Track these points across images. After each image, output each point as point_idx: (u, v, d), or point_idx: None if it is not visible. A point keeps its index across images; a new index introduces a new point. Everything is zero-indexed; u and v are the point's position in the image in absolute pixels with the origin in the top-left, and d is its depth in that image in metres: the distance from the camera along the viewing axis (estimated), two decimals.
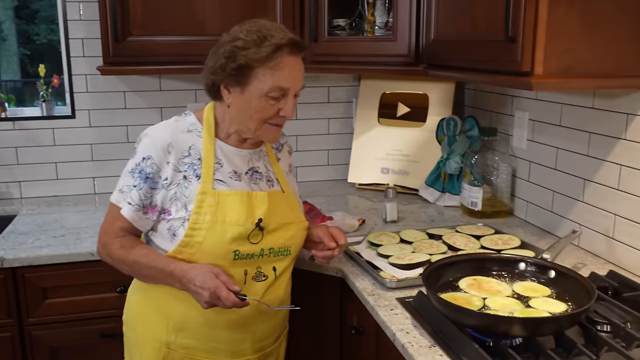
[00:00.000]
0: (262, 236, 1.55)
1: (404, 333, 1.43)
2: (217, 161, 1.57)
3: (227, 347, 1.59)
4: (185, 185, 1.53)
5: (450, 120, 2.49)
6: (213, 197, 1.52)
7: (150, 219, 1.55)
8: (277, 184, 1.67)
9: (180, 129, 1.58)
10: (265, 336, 1.66)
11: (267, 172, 1.66)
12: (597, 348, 1.31)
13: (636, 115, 1.71)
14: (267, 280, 1.59)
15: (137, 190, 1.53)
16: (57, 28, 2.64)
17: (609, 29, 1.58)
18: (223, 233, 1.51)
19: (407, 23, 2.17)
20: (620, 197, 1.80)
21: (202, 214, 1.51)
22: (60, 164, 2.64)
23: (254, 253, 1.55)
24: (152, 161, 1.53)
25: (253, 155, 1.64)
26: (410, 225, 2.22)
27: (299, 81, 1.54)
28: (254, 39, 1.47)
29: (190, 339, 1.58)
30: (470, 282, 1.54)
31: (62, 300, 2.02)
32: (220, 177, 1.56)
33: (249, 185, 1.60)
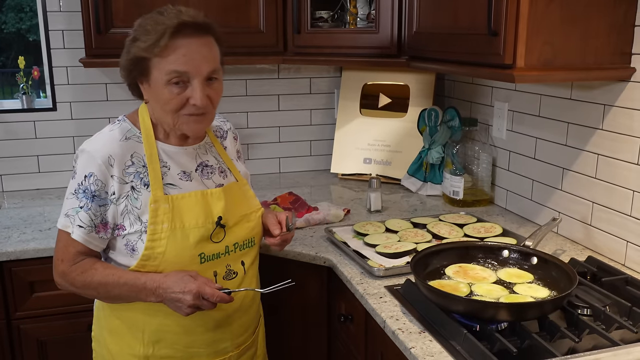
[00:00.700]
0: (224, 233, 1.52)
1: (393, 320, 1.47)
2: (163, 164, 1.50)
3: (208, 349, 1.56)
4: (134, 196, 1.46)
5: (431, 111, 2.54)
6: (167, 204, 1.46)
7: (103, 237, 1.47)
8: (230, 174, 1.63)
9: (117, 138, 1.48)
10: (243, 331, 1.64)
11: (218, 163, 1.61)
12: (579, 331, 1.37)
13: (612, 106, 1.77)
14: (237, 277, 1.56)
15: (84, 211, 1.44)
16: (25, 17, 2.61)
17: (587, 23, 1.63)
18: (185, 238, 1.46)
19: (389, 15, 2.20)
20: (597, 185, 1.86)
21: (159, 223, 1.44)
22: (42, 157, 2.62)
23: (220, 252, 1.51)
24: (95, 178, 1.44)
25: (199, 150, 1.58)
26: (393, 214, 2.27)
27: (203, 63, 1.42)
28: (146, 28, 1.41)
29: (169, 349, 1.53)
30: (456, 269, 1.59)
31: (49, 294, 2.02)
32: (170, 180, 1.50)
33: (201, 183, 1.54)
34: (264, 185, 2.70)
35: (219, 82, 1.48)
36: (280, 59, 2.46)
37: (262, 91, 2.83)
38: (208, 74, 1.44)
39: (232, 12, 2.34)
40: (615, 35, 1.67)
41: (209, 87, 1.45)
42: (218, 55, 1.48)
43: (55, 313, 2.04)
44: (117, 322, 1.55)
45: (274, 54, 2.44)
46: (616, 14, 1.66)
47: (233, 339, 1.61)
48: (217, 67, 1.47)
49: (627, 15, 1.67)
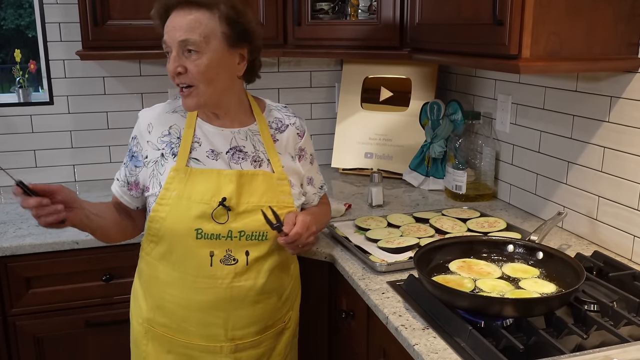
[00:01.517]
0: (228, 217, 1.51)
1: (396, 316, 1.43)
2: (196, 140, 1.56)
3: (199, 329, 1.56)
4: (161, 163, 1.55)
5: (433, 105, 2.50)
6: (184, 174, 1.52)
7: (134, 196, 1.61)
8: (266, 165, 1.59)
9: (167, 110, 1.61)
10: (241, 325, 1.59)
11: (256, 151, 1.59)
12: (587, 327, 1.33)
13: (619, 98, 1.74)
14: (237, 265, 1.53)
15: (124, 168, 1.62)
16: (25, 13, 2.58)
17: (594, 13, 1.60)
18: (187, 210, 1.50)
19: (391, 6, 2.16)
20: (603, 179, 1.82)
21: (171, 190, 1.52)
22: (39, 152, 2.59)
23: (220, 234, 1.50)
24: (137, 141, 1.59)
25: (237, 135, 1.59)
26: (395, 209, 2.23)
27: (175, 32, 1.44)
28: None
29: (166, 318, 1.58)
30: (460, 264, 1.55)
31: (46, 290, 1.99)
32: (197, 155, 1.55)
33: (227, 164, 1.55)
34: None
35: (198, 55, 1.44)
36: (281, 52, 2.42)
37: (262, 84, 2.74)
38: (179, 42, 1.43)
39: None
40: (623, 26, 1.64)
41: (187, 59, 1.45)
42: (203, 28, 1.44)
43: (52, 309, 2.01)
44: (137, 286, 1.67)
45: (274, 46, 2.40)
46: (623, 4, 1.62)
47: (227, 330, 1.58)
48: (194, 38, 1.43)
49: (634, 5, 1.63)
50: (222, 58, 1.47)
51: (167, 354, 1.61)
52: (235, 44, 1.49)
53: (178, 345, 1.59)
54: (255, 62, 1.58)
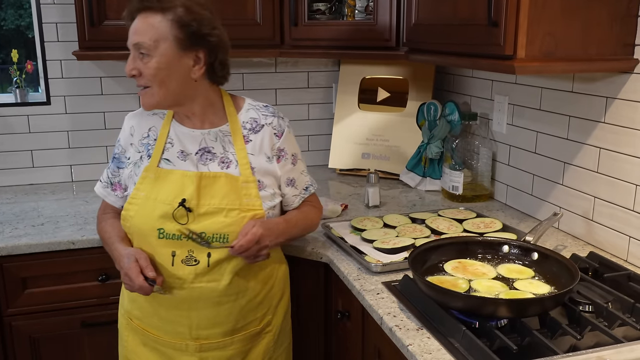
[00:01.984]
0: (188, 218, 1.52)
1: (391, 317, 1.43)
2: (169, 141, 1.61)
3: (165, 325, 1.60)
4: (139, 164, 1.61)
5: (430, 105, 2.50)
6: (153, 175, 1.57)
7: (118, 196, 1.68)
8: (234, 167, 1.58)
9: (148, 112, 1.66)
10: (204, 325, 1.59)
11: (225, 152, 1.59)
12: (581, 328, 1.33)
13: (615, 99, 1.74)
14: (197, 266, 1.53)
15: (107, 170, 1.71)
16: (25, 13, 2.58)
17: (589, 13, 1.60)
18: (152, 210, 1.54)
19: (387, 7, 2.16)
20: (599, 179, 1.82)
21: (141, 190, 1.57)
22: (36, 152, 2.59)
23: (181, 235, 1.51)
24: (119, 143, 1.68)
25: (207, 136, 1.60)
26: (392, 210, 2.23)
27: (132, 35, 1.49)
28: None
29: (139, 311, 1.64)
30: (455, 265, 1.55)
31: (42, 290, 1.99)
32: (168, 156, 1.59)
33: (195, 166, 1.57)
34: None
35: (148, 58, 1.48)
36: (277, 52, 2.42)
37: (259, 85, 2.79)
38: (133, 46, 1.50)
39: (229, 4, 2.31)
40: (618, 26, 1.64)
41: (140, 61, 1.49)
42: (154, 32, 1.47)
43: (48, 309, 2.01)
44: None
45: (271, 46, 2.40)
46: (619, 4, 1.62)
47: (191, 329, 1.59)
48: (144, 42, 1.47)
49: (630, 6, 1.63)
50: (172, 61, 1.48)
51: (142, 346, 1.66)
52: (188, 47, 1.49)
53: (150, 339, 1.65)
54: (215, 64, 1.55)
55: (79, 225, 2.06)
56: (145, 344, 1.65)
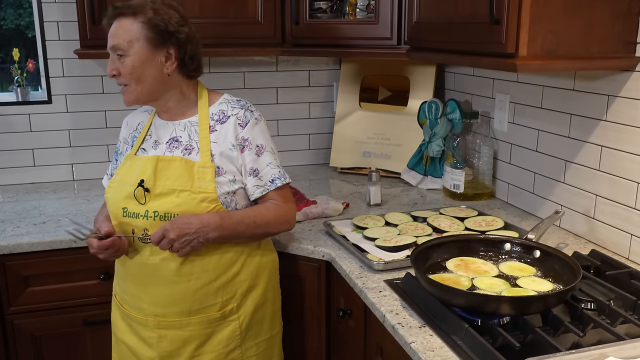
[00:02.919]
0: (145, 198, 1.63)
1: (393, 314, 1.44)
2: (149, 133, 1.75)
3: (131, 300, 1.71)
4: (124, 154, 1.76)
5: (431, 104, 2.50)
6: (129, 161, 1.71)
7: None
8: (195, 153, 1.66)
9: (142, 109, 1.82)
10: (161, 303, 1.66)
11: (189, 141, 1.69)
12: (584, 325, 1.34)
13: (617, 97, 1.74)
14: (151, 244, 1.62)
15: (111, 164, 1.85)
16: (24, 13, 2.58)
17: (591, 11, 1.60)
18: (120, 191, 1.67)
19: (389, 5, 2.16)
20: (600, 177, 1.82)
21: (117, 175, 1.72)
22: (37, 151, 2.59)
23: (139, 213, 1.63)
24: (119, 139, 1.83)
25: (177, 126, 1.72)
26: (393, 208, 2.24)
27: (110, 39, 1.63)
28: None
29: (117, 287, 1.78)
30: (457, 262, 1.56)
31: (44, 288, 1.99)
32: (145, 146, 1.73)
33: (163, 153, 1.69)
34: None
35: (124, 58, 1.61)
36: (279, 51, 2.42)
37: (260, 84, 2.79)
38: (111, 48, 1.63)
39: (230, 2, 2.31)
40: (620, 24, 1.64)
41: (118, 61, 1.62)
42: (127, 34, 1.60)
43: (50, 308, 2.01)
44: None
45: (272, 45, 2.40)
46: (621, 2, 1.62)
47: (150, 305, 1.68)
48: (119, 43, 1.61)
49: (631, 4, 1.64)
50: (145, 59, 1.61)
51: (121, 319, 1.77)
52: (159, 45, 1.62)
53: (124, 313, 1.75)
54: (186, 58, 1.66)
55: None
56: (122, 318, 1.76)
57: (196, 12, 2.28)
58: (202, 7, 2.29)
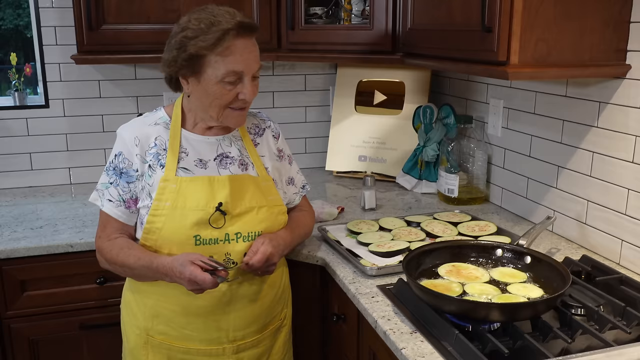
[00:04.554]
0: (224, 220, 1.56)
1: (385, 320, 1.45)
2: (182, 150, 1.60)
3: (200, 334, 1.60)
4: (149, 174, 1.58)
5: (426, 108, 2.52)
6: (175, 184, 1.56)
7: (134, 212, 1.60)
8: (251, 168, 1.66)
9: (148, 122, 1.63)
10: (242, 326, 1.63)
11: (241, 156, 1.66)
12: (572, 331, 1.35)
13: (608, 104, 1.76)
14: (235, 267, 1.57)
15: (114, 187, 1.60)
16: (23, 13, 2.60)
17: (582, 19, 1.61)
18: (183, 218, 1.53)
19: (383, 11, 2.18)
20: (592, 183, 1.84)
21: (163, 201, 1.55)
22: (35, 154, 2.60)
23: (218, 238, 1.55)
24: (124, 156, 1.59)
25: (222, 141, 1.65)
26: (388, 212, 2.25)
27: (254, 63, 1.54)
28: (201, 27, 1.48)
29: (165, 326, 1.61)
30: (449, 268, 1.57)
31: (41, 293, 2.00)
32: (185, 165, 1.59)
33: (217, 172, 1.61)
34: None
35: (256, 80, 1.58)
36: (274, 56, 2.43)
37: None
38: (256, 72, 1.55)
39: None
40: (611, 32, 1.65)
41: (252, 83, 1.55)
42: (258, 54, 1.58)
43: (47, 312, 2.02)
44: (128, 293, 1.68)
45: (268, 50, 2.41)
46: (611, 10, 1.64)
47: (229, 332, 1.62)
48: (258, 66, 1.57)
49: (622, 12, 1.65)
50: None
51: None
52: None
53: (178, 351, 1.62)
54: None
55: (78, 228, 2.08)
56: (171, 357, 1.63)
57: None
58: None
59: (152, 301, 1.60)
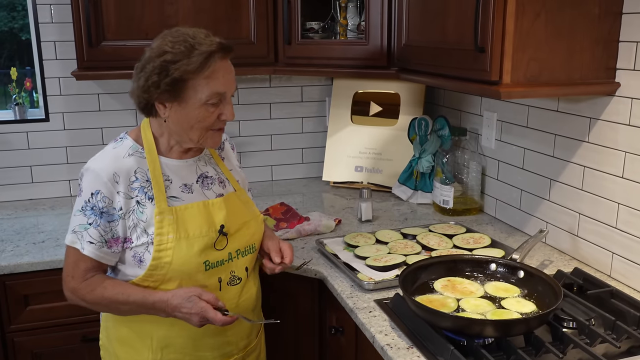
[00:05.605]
0: (227, 241, 1.59)
1: (383, 335, 1.49)
2: (166, 178, 1.56)
3: (214, 352, 1.63)
4: (140, 210, 1.52)
5: (421, 120, 2.56)
6: (171, 215, 1.52)
7: (115, 251, 1.53)
8: (228, 184, 1.70)
9: (121, 155, 1.54)
10: (248, 333, 1.71)
11: (217, 174, 1.68)
12: (564, 345, 1.39)
13: (598, 120, 1.80)
14: (241, 282, 1.63)
15: (94, 228, 1.49)
16: (18, 15, 2.62)
17: (572, 38, 1.66)
18: (190, 247, 1.52)
19: (378, 27, 2.22)
20: (583, 196, 1.89)
21: (165, 234, 1.51)
22: (35, 167, 2.63)
23: (223, 259, 1.58)
24: (102, 195, 1.49)
25: (199, 162, 1.64)
26: (384, 224, 2.29)
27: (233, 83, 1.54)
28: (181, 50, 1.44)
29: (177, 354, 1.59)
30: (444, 283, 1.61)
31: (43, 307, 2.04)
32: (173, 193, 1.56)
33: (202, 194, 1.61)
34: (257, 193, 2.71)
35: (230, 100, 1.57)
36: (272, 70, 2.47)
37: (253, 99, 2.85)
38: (232, 92, 1.55)
39: (223, 23, 2.36)
40: (600, 51, 1.70)
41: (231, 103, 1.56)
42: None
43: (50, 325, 2.06)
44: (125, 330, 1.61)
45: (265, 64, 2.46)
46: (601, 30, 1.68)
47: (238, 342, 1.67)
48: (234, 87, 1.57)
49: (611, 31, 1.70)
50: None
51: None
52: None
53: None
54: None
55: None
56: None
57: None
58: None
59: (162, 332, 1.56)
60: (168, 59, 1.45)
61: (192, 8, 2.32)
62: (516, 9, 1.57)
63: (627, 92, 1.70)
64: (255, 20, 2.39)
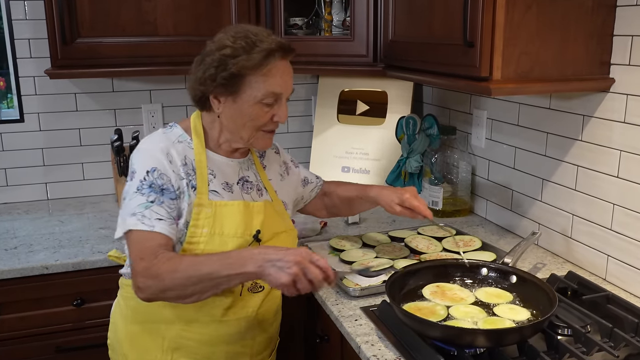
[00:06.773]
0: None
1: (369, 345, 1.42)
2: (210, 172, 1.52)
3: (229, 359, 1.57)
4: (184, 194, 1.46)
5: (409, 119, 2.48)
6: (210, 209, 1.47)
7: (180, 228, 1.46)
8: (265, 193, 1.63)
9: (171, 139, 1.51)
10: (262, 348, 1.64)
11: (257, 181, 1.62)
12: (559, 354, 1.33)
13: (592, 117, 1.73)
14: (263, 292, 1.56)
15: (158, 205, 1.40)
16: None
17: (564, 32, 1.59)
18: (222, 245, 1.45)
19: (364, 23, 2.14)
20: (577, 197, 1.82)
21: (200, 227, 1.45)
22: (10, 170, 2.53)
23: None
24: (159, 172, 1.43)
25: (242, 165, 1.60)
26: (372, 226, 2.22)
27: (290, 85, 1.51)
28: (242, 45, 1.42)
29: (188, 357, 1.54)
30: (433, 289, 1.54)
31: (16, 316, 1.94)
32: (214, 187, 1.51)
33: (241, 196, 1.56)
34: None
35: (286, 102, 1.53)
36: None
37: None
38: (288, 93, 1.51)
39: (204, 20, 2.28)
40: (594, 45, 1.63)
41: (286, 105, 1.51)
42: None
43: (23, 335, 1.96)
44: (137, 328, 1.56)
45: None
46: (594, 23, 1.62)
47: (252, 355, 1.61)
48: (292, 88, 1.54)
49: (605, 24, 1.63)
50: None
51: None
52: None
53: None
54: None
55: (54, 249, 2.02)
56: None
57: (170, 31, 2.25)
58: (177, 26, 2.26)
59: (174, 333, 1.51)
60: (227, 53, 1.42)
61: (171, 4, 2.24)
62: (507, 1, 1.50)
63: (622, 89, 1.63)
64: (236, 15, 2.30)
